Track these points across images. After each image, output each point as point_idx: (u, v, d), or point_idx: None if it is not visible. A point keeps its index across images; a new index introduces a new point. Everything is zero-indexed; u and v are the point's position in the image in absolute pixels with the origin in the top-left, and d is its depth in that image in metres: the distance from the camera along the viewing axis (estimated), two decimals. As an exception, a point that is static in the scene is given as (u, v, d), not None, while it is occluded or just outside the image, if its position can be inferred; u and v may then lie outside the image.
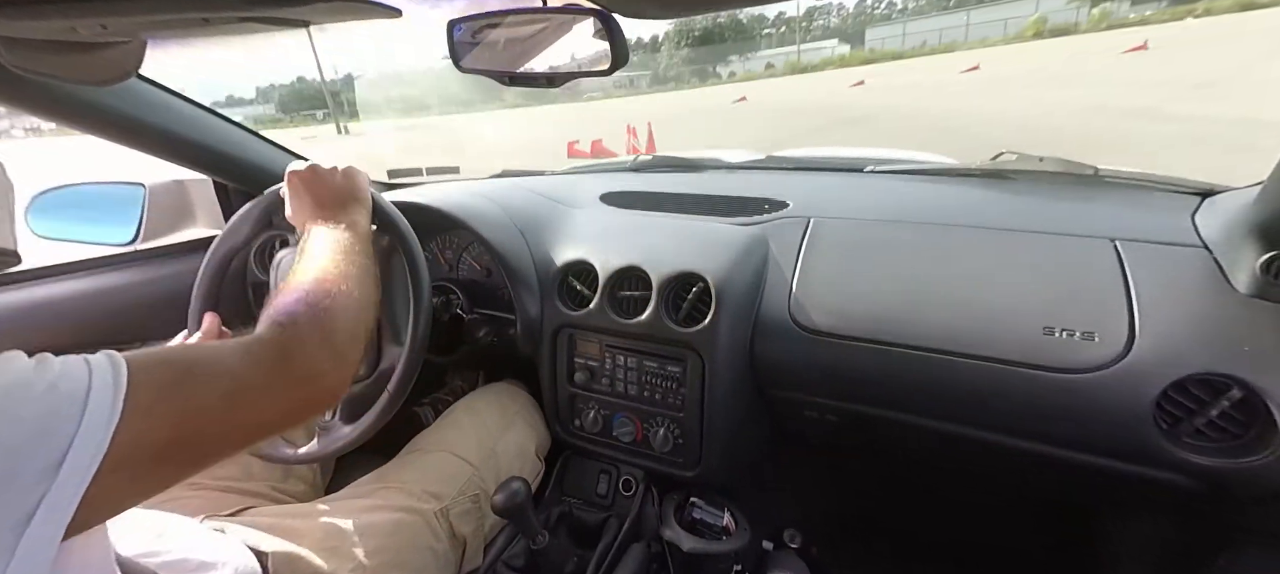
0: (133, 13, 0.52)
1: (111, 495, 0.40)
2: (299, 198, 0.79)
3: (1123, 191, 1.02)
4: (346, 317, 0.60)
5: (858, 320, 0.89)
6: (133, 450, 0.40)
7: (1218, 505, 0.82)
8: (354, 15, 0.54)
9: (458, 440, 0.97)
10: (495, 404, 1.09)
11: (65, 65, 0.71)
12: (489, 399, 1.11)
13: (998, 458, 0.89)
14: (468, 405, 1.07)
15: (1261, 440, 0.69)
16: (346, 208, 0.76)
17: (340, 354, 0.58)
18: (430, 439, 0.98)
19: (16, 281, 1.08)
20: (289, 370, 0.53)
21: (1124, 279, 0.79)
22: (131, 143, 1.04)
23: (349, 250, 0.68)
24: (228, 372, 0.49)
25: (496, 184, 1.35)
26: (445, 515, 0.86)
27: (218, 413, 0.47)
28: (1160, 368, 0.72)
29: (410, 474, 0.90)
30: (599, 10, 0.59)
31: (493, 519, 0.94)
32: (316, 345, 0.55)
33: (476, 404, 1.08)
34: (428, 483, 0.88)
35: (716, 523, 1.01)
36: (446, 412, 1.06)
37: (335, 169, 0.81)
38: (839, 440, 1.14)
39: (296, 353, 0.54)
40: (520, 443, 1.07)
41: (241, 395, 0.49)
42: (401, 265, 0.87)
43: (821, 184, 1.23)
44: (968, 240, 0.93)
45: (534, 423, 1.12)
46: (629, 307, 1.00)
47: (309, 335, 0.55)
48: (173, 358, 0.47)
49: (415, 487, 0.87)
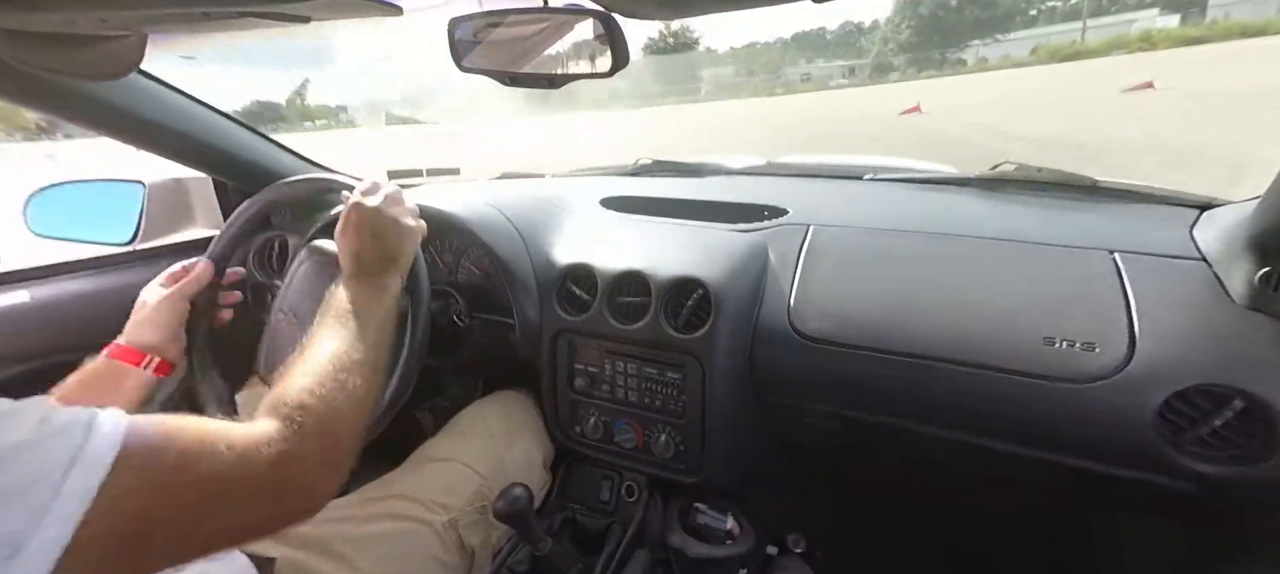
0: (133, 6, 0.52)
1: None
2: (348, 236, 0.74)
3: (1121, 204, 1.02)
4: (355, 421, 0.58)
5: (858, 328, 0.88)
6: (100, 538, 0.38)
7: (1221, 514, 0.81)
8: (354, 11, 0.54)
9: (465, 450, 0.96)
10: (502, 414, 1.08)
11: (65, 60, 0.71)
12: (496, 408, 1.10)
13: (1000, 465, 0.88)
14: (475, 414, 1.06)
15: (1265, 450, 0.69)
16: (388, 269, 0.73)
17: (337, 468, 0.55)
18: (438, 448, 0.97)
19: (15, 281, 1.07)
20: (281, 484, 0.50)
21: (1124, 290, 0.79)
22: (130, 139, 1.04)
23: (380, 326, 0.66)
24: (219, 475, 0.45)
25: (496, 187, 1.35)
26: (454, 527, 0.85)
27: (195, 514, 0.44)
28: (1161, 378, 0.72)
29: (417, 482, 0.88)
30: (600, 11, 0.59)
31: (501, 530, 0.92)
32: (317, 461, 0.53)
33: (484, 412, 1.07)
34: (436, 493, 0.87)
35: (720, 527, 1.01)
36: (453, 420, 1.05)
37: (396, 221, 0.75)
38: (841, 447, 1.13)
39: (294, 465, 0.51)
40: (528, 453, 1.06)
41: (228, 498, 0.46)
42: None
43: (821, 191, 1.23)
44: (968, 250, 0.92)
45: (540, 433, 1.11)
46: (628, 312, 1.00)
47: (312, 448, 0.52)
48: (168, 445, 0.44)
49: (423, 496, 0.85)
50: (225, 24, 0.57)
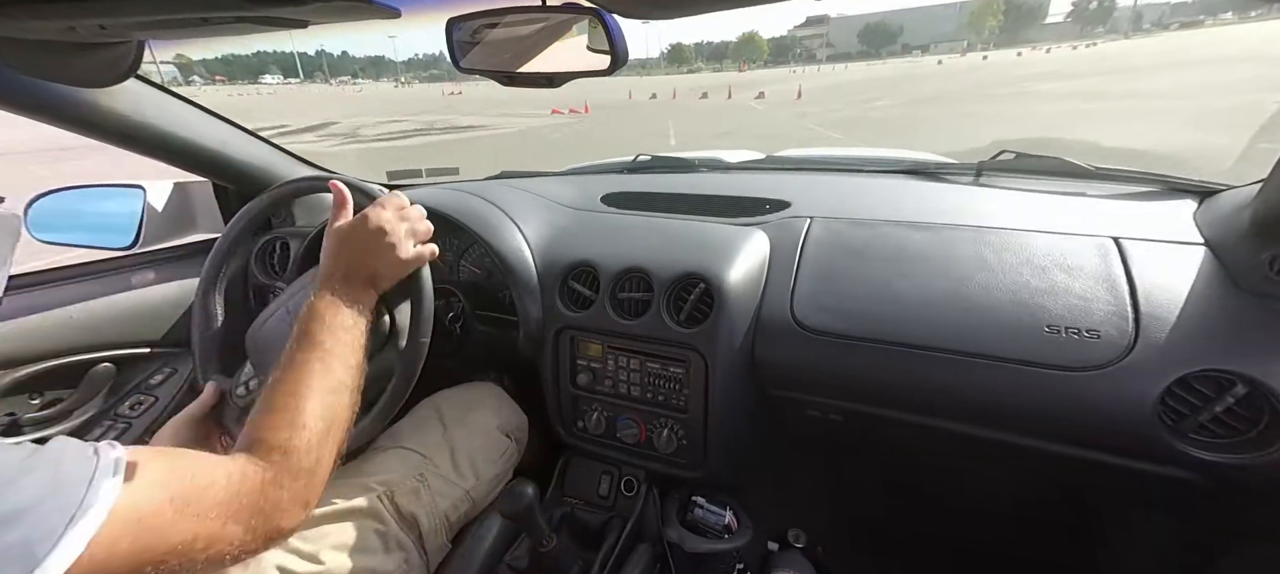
0: (131, 12, 0.52)
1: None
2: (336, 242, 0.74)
3: (1123, 190, 1.02)
4: (331, 452, 0.61)
5: (860, 320, 0.88)
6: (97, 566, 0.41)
7: (1222, 501, 0.82)
8: (352, 15, 0.54)
9: (410, 434, 0.98)
10: (458, 399, 1.08)
11: (64, 66, 0.71)
12: (451, 395, 1.10)
13: (1002, 456, 0.89)
14: (428, 402, 1.06)
15: (1265, 437, 0.69)
16: (375, 284, 0.74)
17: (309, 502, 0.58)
18: (385, 436, 0.97)
19: (18, 288, 1.08)
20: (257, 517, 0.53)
21: (1127, 277, 0.79)
22: (130, 146, 1.04)
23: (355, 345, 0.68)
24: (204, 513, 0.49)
25: (496, 186, 1.35)
26: (389, 496, 0.86)
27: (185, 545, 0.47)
28: (1164, 365, 0.72)
29: (356, 467, 0.90)
30: (598, 10, 0.59)
31: (448, 497, 0.92)
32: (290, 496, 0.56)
33: (437, 401, 1.07)
34: (377, 473, 0.89)
35: (719, 522, 1.01)
36: (411, 410, 1.04)
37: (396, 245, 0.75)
38: (842, 440, 1.13)
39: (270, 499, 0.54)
40: (482, 423, 1.05)
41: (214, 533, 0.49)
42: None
43: (822, 184, 1.23)
44: (969, 239, 0.92)
45: (499, 408, 1.10)
46: (631, 308, 1.00)
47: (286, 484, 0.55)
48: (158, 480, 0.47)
49: (366, 480, 0.87)
50: (222, 29, 0.57)
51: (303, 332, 0.66)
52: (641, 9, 0.54)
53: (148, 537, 0.44)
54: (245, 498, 0.52)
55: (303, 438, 0.58)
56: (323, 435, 0.60)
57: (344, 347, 0.66)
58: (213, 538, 0.49)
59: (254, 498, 0.53)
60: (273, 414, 0.59)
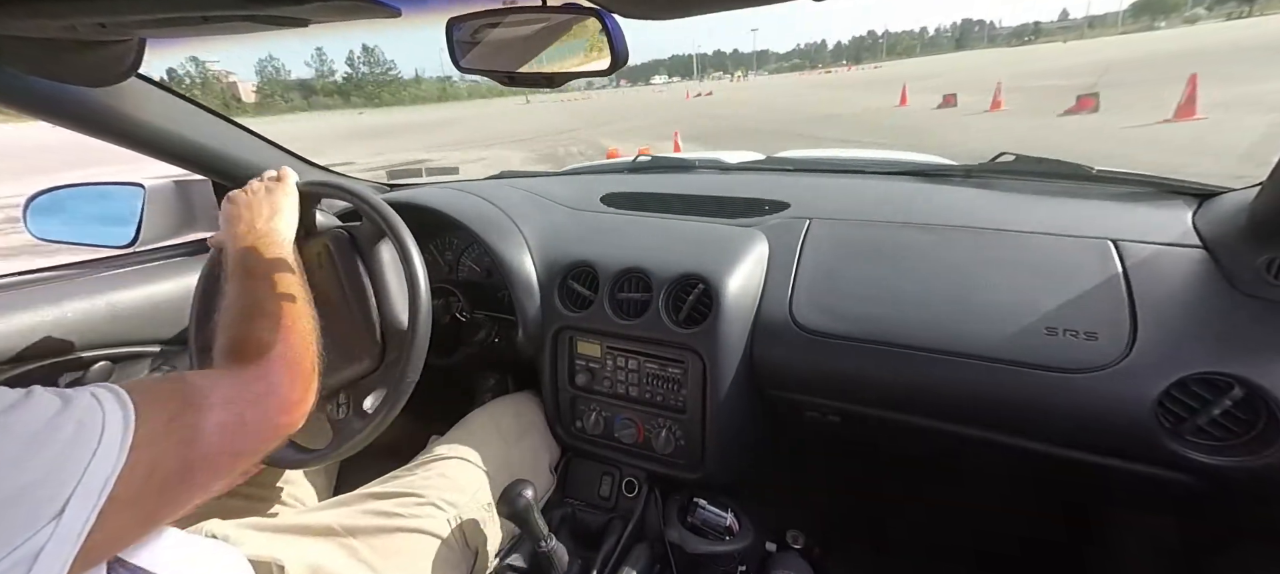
0: (132, 11, 0.52)
1: (114, 532, 0.41)
2: (234, 219, 0.81)
3: (1122, 192, 1.02)
4: (311, 341, 0.68)
5: (858, 321, 0.88)
6: (135, 487, 0.41)
7: (1220, 504, 0.82)
8: (353, 15, 0.54)
9: (473, 449, 0.96)
10: (511, 413, 1.09)
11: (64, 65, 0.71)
12: (506, 407, 1.10)
13: (1000, 457, 0.89)
14: (486, 414, 1.06)
15: (1263, 439, 0.69)
16: (275, 225, 0.81)
17: (309, 382, 0.64)
18: (446, 446, 0.97)
19: (16, 284, 1.07)
20: (275, 400, 0.58)
21: (1125, 279, 0.79)
22: (130, 144, 1.04)
23: (295, 269, 0.75)
24: (223, 401, 0.52)
25: (496, 185, 1.35)
26: (459, 522, 0.86)
27: (214, 444, 0.49)
28: (1162, 367, 0.72)
29: (424, 481, 0.89)
30: (598, 10, 0.59)
31: (507, 531, 0.93)
32: (296, 375, 0.62)
33: (494, 411, 1.07)
34: (444, 490, 0.87)
35: (720, 523, 1.01)
36: (464, 419, 1.05)
37: (260, 187, 0.86)
38: (841, 441, 1.13)
39: (283, 383, 0.60)
40: (534, 452, 1.06)
41: (235, 426, 0.52)
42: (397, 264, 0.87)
43: (821, 185, 1.23)
44: (969, 241, 0.92)
45: (546, 435, 1.12)
46: (630, 308, 1.00)
47: (286, 372, 0.61)
48: (172, 392, 0.50)
49: (431, 494, 0.86)
50: (223, 28, 0.57)
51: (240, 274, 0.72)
52: (641, 9, 0.54)
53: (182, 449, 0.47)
54: (257, 381, 0.58)
55: (287, 331, 0.64)
56: (306, 332, 0.68)
57: (289, 275, 0.73)
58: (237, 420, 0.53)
59: (265, 385, 0.58)
60: (245, 322, 0.65)
